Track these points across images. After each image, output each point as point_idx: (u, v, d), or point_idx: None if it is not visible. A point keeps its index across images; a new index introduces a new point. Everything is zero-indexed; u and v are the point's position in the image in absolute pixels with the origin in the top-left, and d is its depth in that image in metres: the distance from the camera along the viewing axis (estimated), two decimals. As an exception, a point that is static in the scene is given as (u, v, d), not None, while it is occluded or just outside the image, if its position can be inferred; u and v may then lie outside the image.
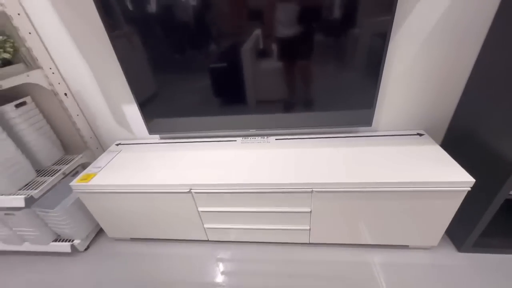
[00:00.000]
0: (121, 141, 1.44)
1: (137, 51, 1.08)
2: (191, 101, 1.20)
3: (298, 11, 0.92)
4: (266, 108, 1.19)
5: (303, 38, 0.97)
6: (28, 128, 1.20)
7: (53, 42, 1.16)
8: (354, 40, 0.96)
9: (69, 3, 1.05)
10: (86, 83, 1.27)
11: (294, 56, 1.03)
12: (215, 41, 1.02)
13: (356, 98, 1.10)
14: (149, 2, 0.96)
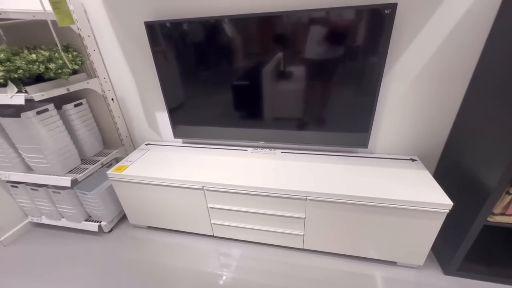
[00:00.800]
0: (150, 142, 1.69)
1: (172, 68, 1.33)
2: (212, 113, 1.42)
3: (311, 47, 1.12)
4: (275, 124, 1.37)
5: (313, 69, 1.16)
6: (80, 124, 1.48)
7: (109, 58, 1.45)
8: (353, 74, 1.13)
9: (127, 29, 1.34)
10: (129, 91, 1.55)
11: (305, 82, 1.21)
12: (240, 62, 1.24)
13: (354, 123, 1.25)
14: (185, 29, 1.21)
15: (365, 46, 1.06)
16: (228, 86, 1.31)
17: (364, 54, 1.08)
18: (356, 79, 1.14)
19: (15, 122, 1.23)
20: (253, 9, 1.15)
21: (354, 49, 1.08)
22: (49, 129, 1.29)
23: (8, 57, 1.03)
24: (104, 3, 1.29)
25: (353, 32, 1.05)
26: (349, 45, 1.08)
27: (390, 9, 0.98)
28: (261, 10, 1.14)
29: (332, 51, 1.11)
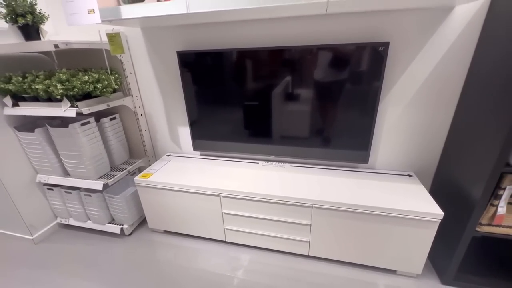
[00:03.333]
0: (171, 153, 1.88)
1: (195, 89, 1.55)
2: (227, 129, 1.61)
3: (317, 73, 1.32)
4: (284, 141, 1.54)
5: (317, 93, 1.36)
6: (113, 135, 1.68)
7: (142, 79, 1.69)
8: (353, 98, 1.31)
9: (159, 56, 1.58)
10: (156, 108, 1.76)
11: (310, 105, 1.40)
12: (253, 86, 1.44)
13: (355, 141, 1.41)
14: (209, 58, 1.44)
15: (363, 75, 1.25)
16: (242, 106, 1.51)
17: (363, 82, 1.27)
18: (356, 103, 1.32)
19: (63, 131, 1.44)
20: (265, 43, 1.37)
21: (354, 77, 1.27)
22: (88, 139, 1.50)
23: (68, 78, 1.26)
24: (143, 34, 1.55)
25: (353, 64, 1.25)
26: (349, 74, 1.27)
27: (383, 46, 1.18)
28: (272, 44, 1.36)
29: (334, 79, 1.30)
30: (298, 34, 1.32)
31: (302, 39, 1.32)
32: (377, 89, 1.26)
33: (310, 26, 1.29)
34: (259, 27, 1.35)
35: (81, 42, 1.29)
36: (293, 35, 1.33)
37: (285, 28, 1.32)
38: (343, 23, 1.25)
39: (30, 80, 1.32)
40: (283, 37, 1.34)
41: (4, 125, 1.49)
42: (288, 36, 1.33)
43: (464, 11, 1.12)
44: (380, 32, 1.22)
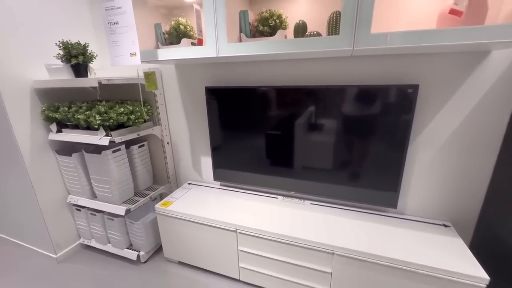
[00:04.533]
0: (192, 182, 1.91)
1: (220, 121, 1.60)
2: (248, 161, 1.61)
3: (342, 112, 1.31)
4: (306, 175, 1.50)
5: (344, 130, 1.33)
6: (140, 162, 1.77)
7: (171, 110, 1.79)
8: (382, 136, 1.26)
9: (189, 90, 1.68)
10: (182, 137, 1.84)
11: (337, 141, 1.37)
12: (276, 122, 1.46)
13: (383, 181, 1.33)
14: (235, 93, 1.49)
15: (391, 117, 1.21)
16: (264, 141, 1.51)
17: (391, 123, 1.22)
18: (384, 143, 1.26)
19: (96, 157, 1.54)
20: (292, 81, 1.40)
21: (381, 118, 1.23)
22: (117, 165, 1.58)
23: (106, 110, 1.38)
24: (176, 70, 1.68)
25: (381, 104, 1.21)
26: (377, 115, 1.23)
27: (412, 89, 1.14)
28: (299, 83, 1.39)
29: (361, 118, 1.27)
30: (325, 74, 1.33)
31: (329, 79, 1.33)
32: (406, 131, 1.20)
33: (337, 66, 1.30)
34: (285, 66, 1.40)
35: (120, 78, 1.43)
36: (320, 75, 1.35)
37: (311, 68, 1.35)
38: (370, 64, 1.24)
39: (74, 110, 1.46)
40: (310, 76, 1.37)
41: (47, 148, 1.64)
42: (314, 75, 1.35)
43: (502, 54, 1.06)
44: (409, 74, 1.19)
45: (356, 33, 0.88)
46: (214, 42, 1.09)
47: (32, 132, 1.56)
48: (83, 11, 1.72)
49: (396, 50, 0.99)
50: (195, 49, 1.14)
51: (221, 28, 1.06)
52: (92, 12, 1.76)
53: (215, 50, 1.10)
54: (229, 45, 1.08)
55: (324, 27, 1.19)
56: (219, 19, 1.05)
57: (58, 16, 1.58)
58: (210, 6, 1.05)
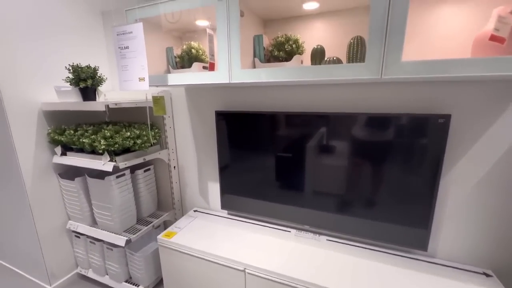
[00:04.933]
0: (198, 209, 1.79)
1: (229, 146, 1.51)
2: (259, 189, 1.49)
3: (364, 141, 1.20)
4: (321, 205, 1.36)
5: (366, 159, 1.21)
6: (144, 187, 1.68)
7: (180, 133, 1.73)
8: (409, 170, 1.13)
9: (198, 113, 1.62)
10: (189, 161, 1.76)
11: (357, 166, 1.25)
12: (289, 149, 1.35)
13: (412, 217, 1.18)
14: (245, 118, 1.41)
15: (419, 148, 1.09)
16: (276, 168, 1.40)
17: (419, 155, 1.10)
18: (412, 172, 1.13)
19: (99, 182, 1.47)
20: (308, 108, 1.32)
21: (408, 149, 1.11)
22: (121, 191, 1.50)
23: (112, 135, 1.32)
24: (186, 93, 1.63)
25: (407, 135, 1.10)
26: (403, 145, 1.12)
27: (444, 119, 1.03)
28: (317, 109, 1.30)
29: (385, 148, 1.16)
30: (345, 100, 1.24)
31: (350, 106, 1.24)
32: (437, 163, 1.07)
33: (359, 92, 1.21)
34: (301, 91, 1.32)
35: (128, 102, 1.38)
36: (340, 101, 1.26)
37: (330, 94, 1.27)
38: (396, 90, 1.15)
39: (80, 134, 1.41)
40: (328, 103, 1.28)
41: (50, 171, 1.58)
42: (333, 101, 1.27)
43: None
44: (440, 102, 1.09)
45: (385, 61, 0.80)
46: (227, 68, 1.02)
47: (36, 154, 1.51)
48: (97, 33, 1.73)
49: (427, 77, 0.90)
50: (206, 75, 1.08)
51: (235, 54, 1.00)
52: (106, 34, 1.77)
53: (228, 76, 1.03)
54: (242, 71, 1.01)
55: (343, 52, 1.12)
56: (233, 44, 0.99)
57: (71, 37, 1.59)
58: (223, 32, 1.00)
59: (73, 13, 1.57)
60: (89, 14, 1.66)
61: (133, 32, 1.07)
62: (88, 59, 1.67)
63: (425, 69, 0.78)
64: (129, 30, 1.07)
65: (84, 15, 1.63)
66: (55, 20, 1.50)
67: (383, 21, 0.78)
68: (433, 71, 0.78)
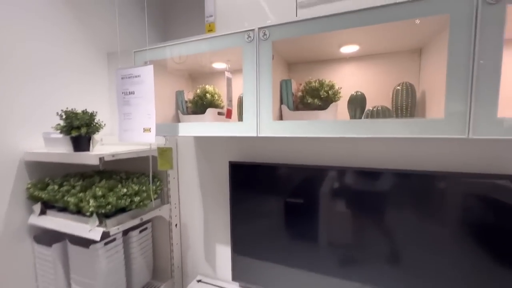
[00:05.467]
0: (202, 278, 1.46)
1: (246, 205, 1.26)
2: (284, 253, 1.21)
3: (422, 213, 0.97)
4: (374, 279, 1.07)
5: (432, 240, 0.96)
6: (138, 251, 1.37)
7: (184, 185, 1.49)
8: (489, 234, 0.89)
9: (210, 163, 1.40)
10: (194, 218, 1.48)
11: (411, 233, 0.99)
12: (323, 212, 1.11)
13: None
14: (262, 170, 1.19)
15: (492, 216, 0.86)
16: (306, 229, 1.15)
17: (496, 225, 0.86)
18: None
19: (82, 251, 1.17)
20: (347, 163, 1.11)
21: (481, 218, 0.88)
22: (109, 261, 1.20)
23: (104, 193, 1.07)
24: (195, 141, 1.43)
25: (477, 201, 0.88)
26: (476, 215, 0.89)
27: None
28: (350, 164, 1.10)
29: (457, 221, 0.92)
30: (398, 155, 1.04)
31: (411, 162, 1.04)
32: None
33: (417, 146, 1.02)
34: (338, 143, 1.13)
35: (128, 152, 1.17)
36: (387, 157, 1.06)
37: (375, 147, 1.07)
38: (461, 146, 0.96)
39: (65, 190, 1.16)
40: (374, 158, 1.08)
41: (24, 233, 1.28)
42: (377, 156, 1.07)
43: None
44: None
45: (473, 116, 0.61)
46: (255, 119, 0.83)
47: (9, 212, 1.23)
48: (101, 75, 1.59)
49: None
50: (227, 127, 0.89)
51: (265, 103, 0.82)
52: (110, 77, 1.63)
53: (256, 129, 0.84)
54: (274, 124, 0.82)
55: (384, 100, 0.96)
56: (262, 91, 0.82)
57: (72, 78, 1.43)
58: (251, 77, 0.84)
59: (77, 52, 1.44)
60: (94, 54, 1.54)
61: (141, 75, 0.90)
62: (88, 102, 1.50)
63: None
64: (136, 73, 0.91)
65: (88, 55, 1.51)
66: (57, 59, 1.36)
67: (466, 64, 0.61)
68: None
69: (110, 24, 1.54)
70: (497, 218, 0.86)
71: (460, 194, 0.89)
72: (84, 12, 1.43)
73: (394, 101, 0.92)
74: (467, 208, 0.89)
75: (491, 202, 0.87)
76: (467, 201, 0.89)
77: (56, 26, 1.33)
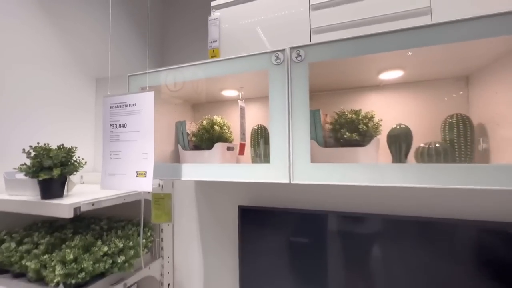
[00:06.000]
0: None
1: (260, 258, 1.01)
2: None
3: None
4: None
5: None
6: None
7: (182, 235, 1.22)
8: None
9: (213, 207, 1.17)
10: (190, 276, 1.20)
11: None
12: (357, 253, 0.88)
13: None
14: (275, 215, 0.97)
15: None
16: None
17: None
18: None
19: (38, 338, 0.86)
20: (384, 209, 0.92)
21: None
22: None
23: (76, 257, 0.81)
24: (195, 183, 1.20)
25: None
26: None
27: None
28: (399, 212, 0.90)
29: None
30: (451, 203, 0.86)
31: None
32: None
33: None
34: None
35: (112, 198, 0.92)
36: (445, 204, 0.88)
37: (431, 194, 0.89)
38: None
39: (25, 250, 0.88)
40: (412, 205, 0.89)
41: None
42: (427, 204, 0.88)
43: None
44: None
45: None
46: (286, 162, 0.64)
47: None
48: (86, 103, 1.38)
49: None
50: (249, 170, 0.68)
51: (301, 140, 0.63)
52: (98, 102, 1.43)
53: (287, 174, 0.64)
54: (312, 167, 0.62)
55: (428, 134, 0.81)
56: (297, 125, 0.64)
57: (54, 108, 1.21)
58: (280, 104, 0.66)
59: (59, 75, 1.24)
60: (80, 79, 1.35)
61: (137, 104, 0.71)
62: (70, 135, 1.27)
63: None
64: (131, 101, 0.71)
65: (72, 80, 1.31)
66: (33, 83, 1.15)
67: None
68: None
69: (100, 47, 1.38)
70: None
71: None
72: (69, 33, 1.26)
73: (444, 136, 0.77)
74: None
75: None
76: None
77: (31, 41, 1.14)
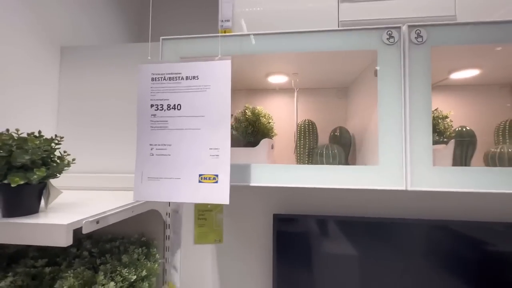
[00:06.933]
0: None
1: (300, 270, 0.88)
2: None
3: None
4: None
5: None
6: None
7: (194, 256, 0.98)
8: None
9: (240, 214, 0.97)
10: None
11: None
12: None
13: None
14: (309, 223, 0.86)
15: None
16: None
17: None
18: None
19: None
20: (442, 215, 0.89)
21: None
22: None
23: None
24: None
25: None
26: None
27: None
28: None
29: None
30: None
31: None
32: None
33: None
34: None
35: (120, 211, 0.65)
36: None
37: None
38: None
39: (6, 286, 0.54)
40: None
41: None
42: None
43: None
44: None
45: None
46: (401, 164, 0.52)
47: None
48: (48, 76, 0.99)
49: None
50: (352, 174, 0.54)
51: (421, 139, 0.52)
52: (62, 73, 1.04)
53: (402, 179, 0.52)
54: (435, 171, 0.52)
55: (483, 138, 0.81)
56: (416, 121, 0.53)
57: (9, 81, 0.80)
58: (392, 94, 0.53)
59: (13, 40, 0.84)
60: (40, 48, 0.95)
61: (201, 77, 0.48)
62: (25, 117, 0.87)
63: None
64: (190, 72, 0.48)
65: (32, 50, 0.91)
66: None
67: None
68: None
69: (67, 12, 1.03)
70: None
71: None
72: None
73: (497, 138, 0.78)
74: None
75: None
76: None
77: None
